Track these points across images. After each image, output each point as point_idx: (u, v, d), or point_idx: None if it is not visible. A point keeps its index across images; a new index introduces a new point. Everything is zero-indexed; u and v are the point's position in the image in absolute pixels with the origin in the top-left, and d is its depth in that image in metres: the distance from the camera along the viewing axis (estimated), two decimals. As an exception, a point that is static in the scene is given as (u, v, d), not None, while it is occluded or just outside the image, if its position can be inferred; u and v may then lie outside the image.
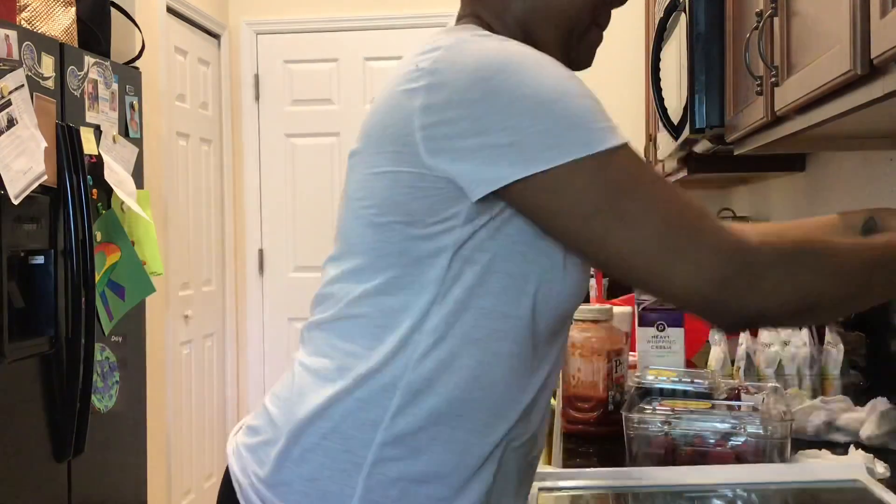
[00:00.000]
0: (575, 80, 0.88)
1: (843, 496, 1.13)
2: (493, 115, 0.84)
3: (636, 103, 3.87)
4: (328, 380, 0.91)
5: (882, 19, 0.88)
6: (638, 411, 1.29)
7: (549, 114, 0.84)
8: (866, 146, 1.68)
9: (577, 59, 1.04)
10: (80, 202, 2.53)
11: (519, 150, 0.83)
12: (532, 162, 0.83)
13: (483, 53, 0.87)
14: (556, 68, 0.88)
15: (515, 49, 0.88)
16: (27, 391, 2.37)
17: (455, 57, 0.87)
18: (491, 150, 0.84)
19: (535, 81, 0.85)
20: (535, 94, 0.84)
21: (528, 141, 0.83)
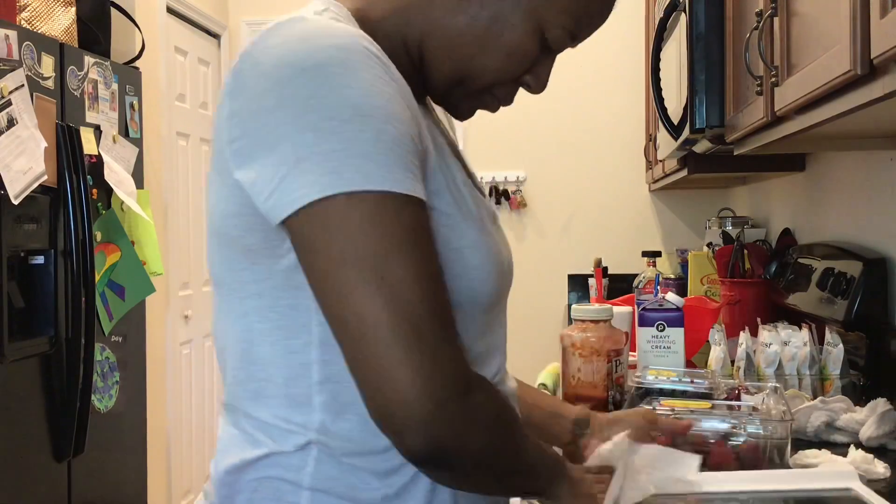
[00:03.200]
0: (388, 100, 0.74)
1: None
2: (284, 128, 0.72)
3: (636, 103, 3.87)
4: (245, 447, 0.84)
5: (882, 19, 0.88)
6: (638, 411, 1.29)
7: (339, 133, 0.71)
8: (866, 146, 1.69)
9: (455, 108, 0.93)
10: (80, 202, 2.53)
11: (300, 170, 0.71)
12: (310, 186, 0.70)
13: (286, 49, 0.74)
14: (372, 78, 0.74)
15: (326, 43, 0.74)
16: (27, 391, 2.37)
17: (258, 54, 0.75)
18: (276, 168, 0.72)
19: (336, 91, 0.72)
20: (330, 107, 0.71)
21: (310, 162, 0.71)
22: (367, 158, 0.71)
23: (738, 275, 2.23)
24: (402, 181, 0.72)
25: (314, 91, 0.72)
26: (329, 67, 0.72)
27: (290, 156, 0.71)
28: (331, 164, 0.70)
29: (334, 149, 0.71)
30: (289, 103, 0.72)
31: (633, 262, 3.55)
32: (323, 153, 0.71)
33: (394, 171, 0.72)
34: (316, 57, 0.73)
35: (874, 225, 1.83)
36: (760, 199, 3.00)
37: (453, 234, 0.81)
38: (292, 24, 0.77)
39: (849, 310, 1.68)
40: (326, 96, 0.72)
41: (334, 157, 0.70)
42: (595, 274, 2.31)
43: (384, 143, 0.72)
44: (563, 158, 4.02)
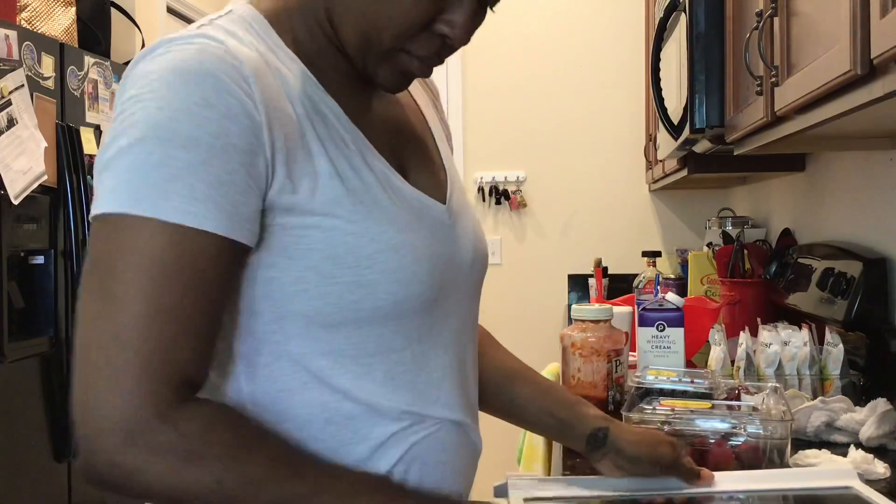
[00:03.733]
0: (202, 126, 0.72)
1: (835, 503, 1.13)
2: (107, 141, 0.75)
3: (636, 103, 3.87)
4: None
5: (882, 19, 0.88)
6: (638, 411, 1.29)
7: (131, 152, 0.72)
8: (866, 146, 1.69)
9: (377, 78, 0.87)
10: (80, 202, 2.53)
11: (98, 181, 0.74)
12: (97, 201, 0.73)
13: (141, 69, 0.76)
14: (194, 103, 0.73)
15: (173, 63, 0.74)
16: (27, 391, 2.37)
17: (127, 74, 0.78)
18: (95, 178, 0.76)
19: (146, 111, 0.73)
20: (141, 124, 0.73)
21: (105, 174, 0.73)
22: (142, 181, 0.71)
23: (738, 275, 2.23)
24: (181, 211, 0.71)
25: (138, 110, 0.74)
26: (160, 90, 0.73)
27: (99, 165, 0.75)
28: (115, 180, 0.73)
29: (122, 166, 0.73)
30: (119, 121, 0.75)
31: (633, 262, 3.55)
32: (113, 168, 0.73)
33: (170, 199, 0.71)
34: (157, 80, 0.74)
35: (874, 225, 1.83)
36: (760, 199, 3.00)
37: (362, 240, 0.80)
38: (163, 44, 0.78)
39: (849, 310, 1.68)
40: (142, 116, 0.73)
41: (119, 174, 0.73)
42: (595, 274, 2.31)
43: (168, 169, 0.71)
44: (563, 158, 4.02)
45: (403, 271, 0.82)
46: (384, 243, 0.81)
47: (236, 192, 0.74)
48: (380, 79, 0.87)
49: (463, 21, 0.82)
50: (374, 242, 0.81)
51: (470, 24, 0.83)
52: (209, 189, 0.72)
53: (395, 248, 0.82)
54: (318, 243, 0.79)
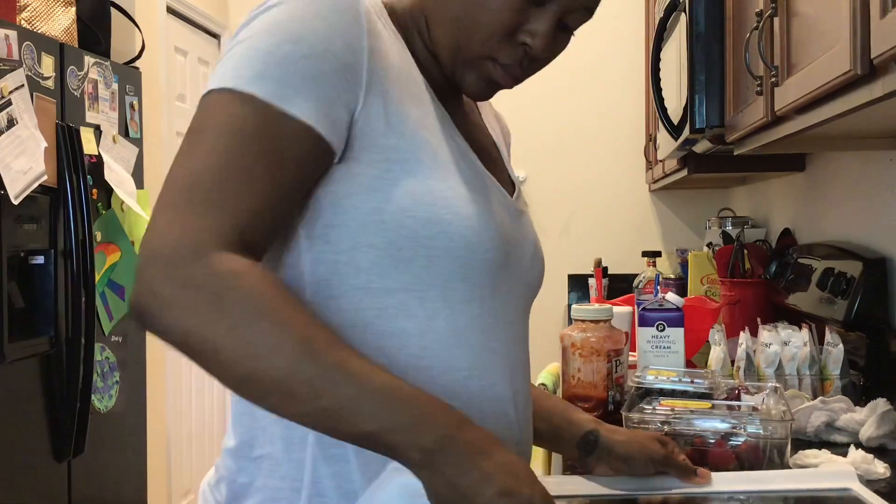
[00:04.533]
0: (311, 31, 0.81)
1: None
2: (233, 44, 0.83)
3: (636, 103, 3.87)
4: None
5: (882, 19, 0.88)
6: (638, 411, 1.29)
7: (248, 41, 0.81)
8: (866, 146, 1.69)
9: (464, 84, 0.94)
10: (80, 202, 2.53)
11: (216, 71, 0.83)
12: (209, 83, 0.82)
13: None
14: (311, 8, 0.82)
15: None
16: (27, 391, 2.37)
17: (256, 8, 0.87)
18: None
19: (277, 13, 0.82)
20: (263, 23, 0.82)
21: (221, 63, 0.82)
22: (248, 62, 0.79)
23: (738, 275, 2.23)
24: (273, 93, 0.78)
25: (265, 17, 0.82)
26: (287, 4, 0.82)
27: (220, 61, 0.83)
28: (224, 64, 0.81)
29: (237, 53, 0.81)
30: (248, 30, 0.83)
31: (633, 262, 3.55)
32: (230, 56, 0.81)
33: (265, 80, 0.78)
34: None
35: (874, 225, 1.83)
36: (760, 199, 3.00)
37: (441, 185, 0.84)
38: None
39: (849, 310, 1.68)
40: (267, 18, 0.82)
41: (233, 59, 0.80)
42: (595, 274, 2.31)
43: (275, 55, 0.79)
44: (563, 158, 4.02)
45: (476, 219, 0.86)
46: (459, 192, 0.86)
47: (329, 92, 0.80)
48: (467, 84, 0.93)
49: (543, 32, 0.88)
50: (451, 189, 0.85)
51: (550, 38, 0.89)
52: (304, 81, 0.79)
53: (470, 200, 0.87)
54: (401, 178, 0.83)
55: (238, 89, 0.78)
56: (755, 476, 1.15)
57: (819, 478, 1.14)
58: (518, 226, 0.97)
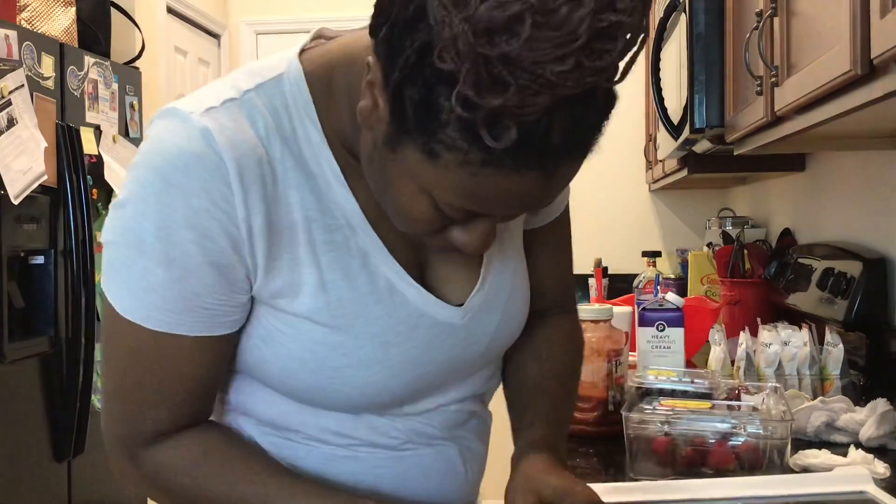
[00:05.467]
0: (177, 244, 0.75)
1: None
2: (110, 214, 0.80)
3: (636, 103, 3.86)
4: None
5: (882, 19, 0.88)
6: (638, 411, 1.29)
7: (120, 253, 0.78)
8: (866, 146, 1.68)
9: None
10: (80, 202, 2.53)
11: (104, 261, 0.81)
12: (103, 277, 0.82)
13: (142, 149, 0.78)
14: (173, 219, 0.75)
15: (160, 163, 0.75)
16: (27, 391, 2.37)
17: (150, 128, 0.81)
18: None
19: (135, 218, 0.76)
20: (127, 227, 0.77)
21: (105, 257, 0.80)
22: (125, 284, 0.78)
23: (738, 275, 2.23)
24: (157, 320, 0.78)
25: (123, 202, 0.78)
26: (141, 191, 0.76)
27: (105, 246, 0.81)
28: (108, 270, 0.79)
29: (114, 263, 0.79)
30: (119, 195, 0.79)
31: (633, 262, 3.55)
32: (109, 260, 0.79)
33: (147, 309, 0.78)
34: (142, 176, 0.76)
35: (874, 225, 1.83)
36: (760, 199, 3.00)
37: (333, 353, 0.81)
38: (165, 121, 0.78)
39: (849, 310, 1.68)
40: (125, 213, 0.77)
41: (113, 268, 0.79)
42: (595, 274, 2.31)
43: (149, 282, 0.77)
44: (563, 158, 4.01)
45: (370, 386, 0.83)
46: (356, 359, 0.82)
47: (215, 300, 0.78)
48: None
49: (479, 236, 0.76)
50: (345, 357, 0.82)
51: (487, 240, 0.77)
52: (184, 302, 0.77)
53: (367, 364, 0.82)
54: (288, 341, 0.81)
55: (126, 317, 0.78)
56: (769, 481, 1.15)
57: (834, 481, 1.14)
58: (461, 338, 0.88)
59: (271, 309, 0.81)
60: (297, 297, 0.80)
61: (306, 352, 0.81)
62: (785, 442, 1.21)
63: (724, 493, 1.10)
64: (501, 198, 0.69)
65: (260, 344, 0.83)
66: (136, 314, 0.78)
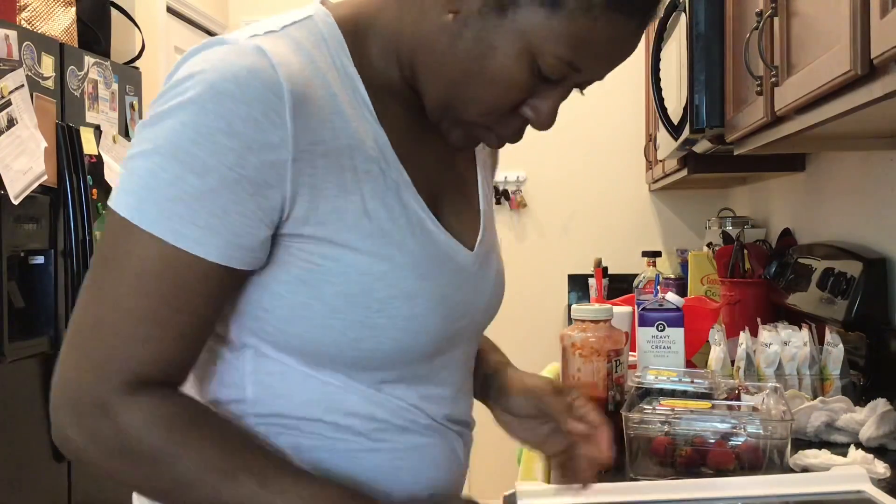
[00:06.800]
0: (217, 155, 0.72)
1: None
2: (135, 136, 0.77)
3: (636, 103, 3.87)
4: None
5: (882, 19, 0.88)
6: (638, 411, 1.29)
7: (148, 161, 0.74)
8: (866, 146, 1.69)
9: (447, 135, 0.87)
10: (80, 202, 2.53)
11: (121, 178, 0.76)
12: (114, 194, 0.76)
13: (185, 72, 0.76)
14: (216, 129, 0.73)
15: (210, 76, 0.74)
16: (27, 391, 2.37)
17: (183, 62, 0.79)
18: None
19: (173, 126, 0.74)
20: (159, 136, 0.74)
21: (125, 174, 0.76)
22: (149, 195, 0.73)
23: (738, 275, 2.23)
24: (177, 233, 0.73)
25: (168, 117, 0.74)
26: (193, 104, 0.73)
27: (128, 153, 0.77)
28: (129, 183, 0.75)
29: (138, 172, 0.74)
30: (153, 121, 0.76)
31: (633, 262, 3.55)
32: (133, 170, 0.75)
33: (170, 220, 0.73)
34: (192, 89, 0.74)
35: (874, 225, 1.83)
36: (760, 199, 3.00)
37: (379, 283, 0.80)
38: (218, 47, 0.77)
39: (849, 310, 1.68)
40: (169, 127, 0.74)
41: (134, 178, 0.75)
42: (595, 274, 2.31)
43: (176, 190, 0.73)
44: (563, 158, 4.02)
45: (414, 320, 0.82)
46: (400, 289, 0.81)
47: (241, 222, 0.74)
48: (451, 138, 0.87)
49: (549, 109, 0.83)
50: (391, 287, 0.80)
51: (555, 113, 0.83)
52: (211, 218, 0.73)
53: (411, 295, 0.82)
54: (333, 276, 0.79)
55: (142, 227, 0.73)
56: (767, 480, 1.15)
57: (831, 481, 1.14)
58: (474, 284, 0.91)
59: (312, 243, 0.78)
60: (343, 224, 0.78)
61: (352, 284, 0.79)
62: (785, 442, 1.21)
63: (723, 493, 1.10)
64: (608, 48, 0.79)
65: (300, 288, 0.79)
66: (159, 225, 0.73)
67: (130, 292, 0.74)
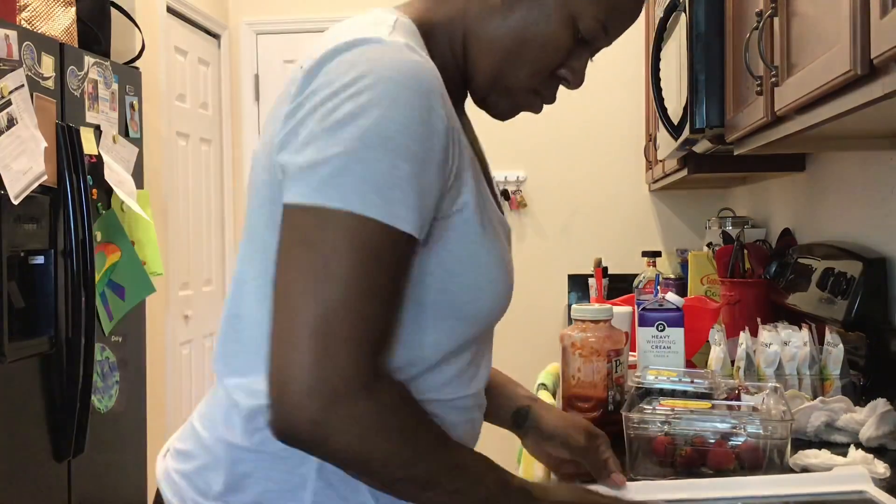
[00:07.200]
0: (419, 140, 0.81)
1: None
2: (321, 132, 0.80)
3: (636, 103, 3.87)
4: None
5: (882, 19, 0.88)
6: (638, 411, 1.29)
7: (359, 155, 0.79)
8: (866, 146, 1.69)
9: (492, 107, 0.98)
10: (80, 202, 2.53)
11: (313, 171, 0.79)
12: (316, 190, 0.79)
13: (355, 68, 0.81)
14: (414, 117, 0.80)
15: (389, 72, 0.81)
16: (27, 391, 2.37)
17: (330, 65, 0.83)
18: (299, 163, 0.81)
19: (375, 119, 0.79)
20: (363, 131, 0.79)
21: (326, 168, 0.79)
22: (371, 186, 0.79)
23: (738, 275, 2.23)
24: (393, 215, 0.80)
25: (361, 112, 0.79)
26: (382, 97, 0.80)
27: (313, 158, 0.80)
28: (340, 178, 0.79)
29: (349, 167, 0.79)
30: (337, 116, 0.80)
31: (633, 262, 3.55)
32: (338, 166, 0.79)
33: (390, 205, 0.79)
34: (377, 84, 0.80)
35: (874, 225, 1.83)
36: (760, 199, 3.00)
37: (481, 249, 0.89)
38: (368, 43, 0.83)
39: (849, 310, 1.68)
40: (367, 120, 0.79)
41: (346, 173, 0.79)
42: (595, 274, 2.31)
43: (394, 178, 0.79)
44: (563, 158, 4.02)
45: (502, 282, 0.92)
46: (495, 256, 0.91)
47: (431, 199, 0.83)
48: (497, 108, 0.98)
49: (581, 68, 0.96)
50: (489, 254, 0.90)
51: (584, 71, 0.96)
52: (417, 198, 0.81)
53: (498, 263, 0.92)
54: (453, 244, 0.87)
55: (366, 216, 0.78)
56: (768, 480, 1.15)
57: (832, 481, 1.14)
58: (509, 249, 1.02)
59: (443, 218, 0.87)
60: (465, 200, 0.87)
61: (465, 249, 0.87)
62: (785, 442, 1.21)
63: (724, 493, 1.10)
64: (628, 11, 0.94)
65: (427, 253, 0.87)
66: (382, 210, 0.79)
67: (358, 278, 0.79)
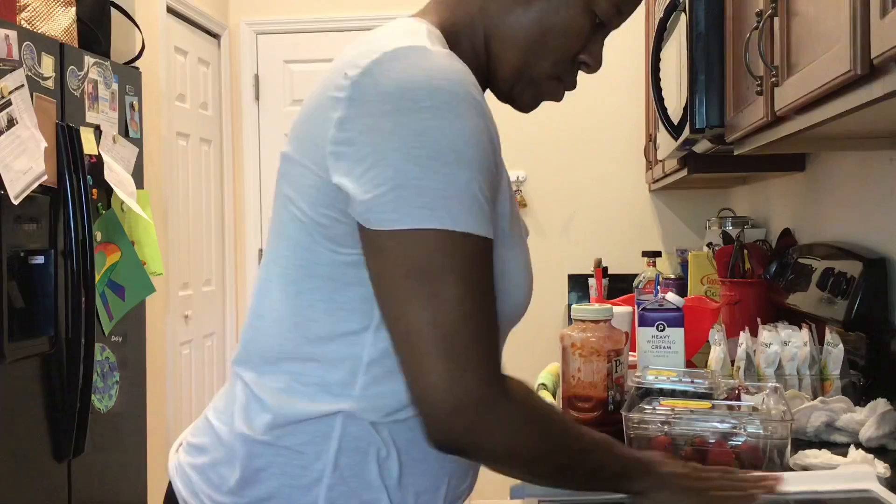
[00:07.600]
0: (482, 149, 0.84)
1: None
2: (393, 153, 0.81)
3: (636, 103, 3.87)
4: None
5: (882, 19, 0.88)
6: (638, 411, 1.29)
7: (439, 173, 0.81)
8: (866, 146, 1.69)
9: (518, 99, 1.01)
10: (80, 202, 2.53)
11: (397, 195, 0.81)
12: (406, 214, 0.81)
13: (409, 79, 0.82)
14: (474, 127, 0.83)
15: (444, 85, 0.83)
16: (27, 391, 2.37)
17: (381, 74, 0.83)
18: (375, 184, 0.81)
19: (445, 135, 0.81)
20: (437, 148, 0.81)
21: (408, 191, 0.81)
22: (456, 201, 0.82)
23: (738, 275, 2.23)
24: (478, 225, 0.83)
25: (427, 128, 0.81)
26: (443, 111, 0.81)
27: (392, 179, 0.81)
28: (426, 198, 0.81)
29: (432, 186, 0.81)
30: (403, 133, 0.81)
31: (633, 262, 3.55)
32: (421, 187, 0.81)
33: (474, 216, 0.83)
34: (435, 97, 0.82)
35: (874, 225, 1.83)
36: (760, 199, 3.00)
37: (510, 253, 0.92)
38: (416, 53, 0.84)
39: (849, 310, 1.68)
40: (436, 137, 0.81)
41: (430, 193, 0.81)
42: (595, 274, 2.31)
43: (472, 190, 0.82)
44: (563, 158, 4.02)
45: (524, 286, 0.96)
46: (523, 261, 0.95)
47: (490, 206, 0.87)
48: (523, 100, 1.01)
49: (598, 52, 1.00)
50: (517, 259, 0.94)
51: (602, 54, 1.00)
52: (489, 205, 0.85)
53: (523, 267, 0.95)
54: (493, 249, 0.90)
55: (456, 230, 0.81)
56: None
57: (838, 479, 1.14)
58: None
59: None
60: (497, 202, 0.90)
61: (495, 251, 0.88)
62: (785, 442, 1.21)
63: None
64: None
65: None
66: (471, 223, 0.82)
67: (469, 291, 0.83)
